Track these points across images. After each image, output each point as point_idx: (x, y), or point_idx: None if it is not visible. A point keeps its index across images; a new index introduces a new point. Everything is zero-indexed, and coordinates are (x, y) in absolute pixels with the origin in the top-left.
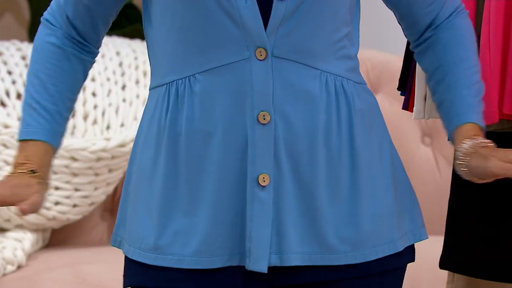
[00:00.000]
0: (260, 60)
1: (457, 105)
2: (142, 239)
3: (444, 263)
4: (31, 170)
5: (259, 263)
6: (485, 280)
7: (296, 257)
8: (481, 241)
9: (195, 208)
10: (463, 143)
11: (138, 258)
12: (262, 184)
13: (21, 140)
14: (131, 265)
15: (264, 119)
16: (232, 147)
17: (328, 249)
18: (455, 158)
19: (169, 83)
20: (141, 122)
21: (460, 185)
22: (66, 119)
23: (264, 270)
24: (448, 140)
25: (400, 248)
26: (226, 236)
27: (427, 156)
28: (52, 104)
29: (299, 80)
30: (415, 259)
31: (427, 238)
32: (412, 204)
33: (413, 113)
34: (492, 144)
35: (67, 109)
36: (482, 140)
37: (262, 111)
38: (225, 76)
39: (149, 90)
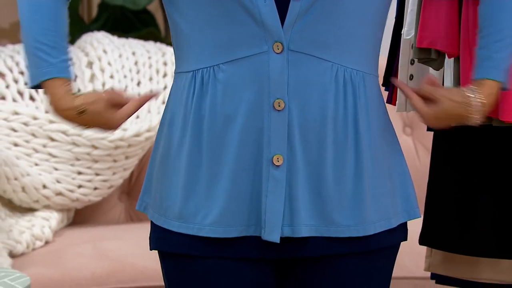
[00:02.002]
0: (277, 53)
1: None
2: (167, 208)
3: (423, 240)
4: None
5: (273, 234)
6: (459, 254)
7: (305, 229)
8: (455, 220)
9: (215, 184)
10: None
11: (163, 225)
12: (276, 164)
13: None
14: (155, 230)
15: (279, 106)
16: (250, 130)
17: (333, 223)
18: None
19: (195, 70)
20: (168, 102)
21: (437, 171)
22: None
23: (277, 240)
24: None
25: (394, 224)
26: (242, 209)
27: (408, 145)
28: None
29: (311, 72)
30: None
31: (420, 217)
32: (407, 185)
33: (396, 106)
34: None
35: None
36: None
37: (278, 98)
38: (246, 67)
39: (175, 73)
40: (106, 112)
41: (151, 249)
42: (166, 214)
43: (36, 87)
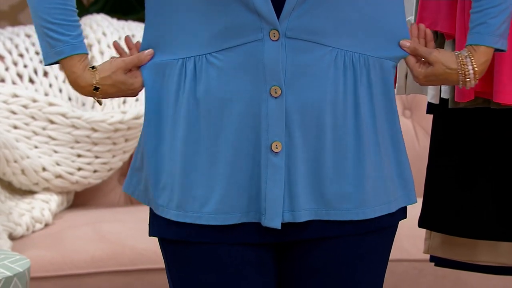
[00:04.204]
0: (274, 40)
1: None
2: (165, 198)
3: (422, 222)
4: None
5: (273, 220)
6: (458, 237)
7: (306, 214)
8: (455, 203)
9: (213, 171)
10: None
11: (161, 214)
12: (275, 151)
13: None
14: (155, 218)
15: (276, 93)
16: (247, 118)
17: (333, 207)
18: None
19: (185, 58)
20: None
21: (436, 153)
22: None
23: (278, 226)
24: None
25: (394, 209)
26: (241, 196)
27: (407, 127)
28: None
29: (309, 57)
30: None
31: (416, 202)
32: (405, 170)
33: (396, 89)
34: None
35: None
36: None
37: (274, 85)
38: (240, 55)
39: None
40: (128, 78)
41: (150, 235)
42: (164, 203)
43: (52, 63)
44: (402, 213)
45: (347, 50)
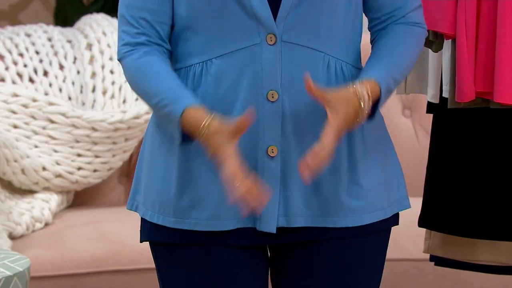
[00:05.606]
0: (270, 44)
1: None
2: (160, 205)
3: (422, 222)
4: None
5: (268, 225)
6: (458, 236)
7: (300, 219)
8: (455, 202)
9: (210, 177)
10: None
11: (157, 222)
12: (271, 155)
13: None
14: (146, 224)
15: (273, 97)
16: None
17: (329, 213)
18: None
19: (188, 66)
20: None
21: (436, 153)
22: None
23: (273, 230)
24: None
25: (388, 215)
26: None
27: (407, 126)
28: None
29: (304, 62)
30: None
31: (410, 207)
32: (398, 175)
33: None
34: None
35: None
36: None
37: (271, 90)
38: (238, 60)
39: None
40: (223, 145)
41: (141, 241)
42: (161, 211)
43: (187, 139)
44: (395, 218)
45: (337, 58)
